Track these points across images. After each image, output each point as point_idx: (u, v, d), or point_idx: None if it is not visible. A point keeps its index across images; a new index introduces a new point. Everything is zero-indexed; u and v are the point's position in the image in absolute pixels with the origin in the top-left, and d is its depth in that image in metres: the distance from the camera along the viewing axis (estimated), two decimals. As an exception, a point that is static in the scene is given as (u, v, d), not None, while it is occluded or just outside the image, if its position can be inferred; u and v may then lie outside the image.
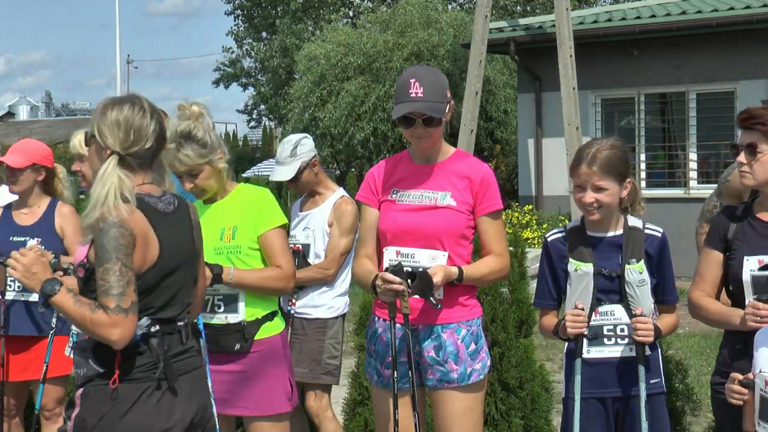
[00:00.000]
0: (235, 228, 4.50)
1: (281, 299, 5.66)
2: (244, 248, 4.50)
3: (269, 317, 4.55)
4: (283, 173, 5.86)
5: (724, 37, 16.01)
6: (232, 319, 4.48)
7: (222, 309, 4.49)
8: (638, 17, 16.89)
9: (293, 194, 5.83)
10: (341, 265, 5.79)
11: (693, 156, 16.97)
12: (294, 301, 5.80)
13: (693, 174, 16.94)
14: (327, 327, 5.82)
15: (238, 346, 4.45)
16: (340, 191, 5.94)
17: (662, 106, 17.69)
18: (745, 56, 15.86)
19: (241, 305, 4.49)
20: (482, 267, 4.30)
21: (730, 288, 4.05)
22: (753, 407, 3.56)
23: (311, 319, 5.81)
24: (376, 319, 4.44)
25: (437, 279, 4.06)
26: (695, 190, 16.36)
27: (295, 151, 5.84)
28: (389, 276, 4.08)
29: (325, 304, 5.81)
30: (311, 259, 5.81)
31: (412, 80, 4.24)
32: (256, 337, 4.48)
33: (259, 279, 4.46)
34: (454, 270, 4.16)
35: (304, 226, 5.88)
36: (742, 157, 3.91)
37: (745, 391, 3.56)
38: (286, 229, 4.60)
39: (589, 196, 4.13)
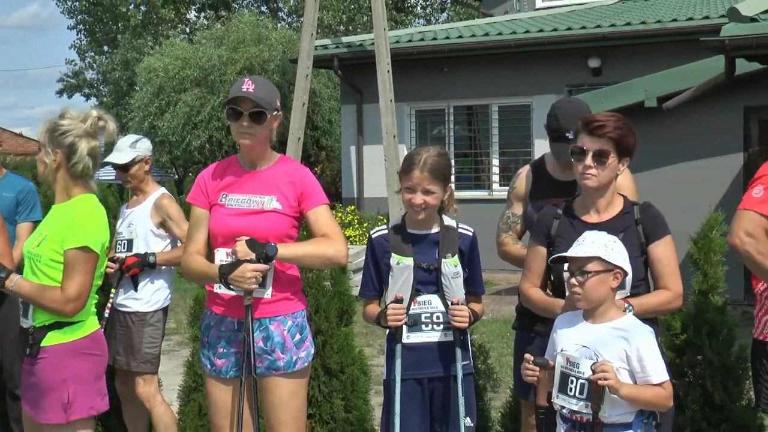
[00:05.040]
0: (45, 237, 4.14)
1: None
2: (44, 258, 4.10)
3: (56, 326, 4.12)
4: (118, 157, 5.84)
5: (522, 57, 16.46)
6: (24, 323, 4.18)
7: (22, 312, 4.21)
8: (447, 38, 17.18)
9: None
10: None
11: (495, 162, 17.38)
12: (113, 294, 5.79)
13: (495, 178, 17.35)
14: (147, 319, 5.75)
15: (28, 351, 4.14)
16: (161, 190, 5.90)
17: (469, 117, 18.01)
18: (539, 74, 16.36)
19: (31, 311, 4.15)
20: (303, 245, 4.22)
21: (552, 278, 4.08)
22: (545, 384, 3.66)
23: (131, 312, 5.75)
24: (209, 312, 4.37)
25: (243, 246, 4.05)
26: (497, 191, 16.76)
27: (135, 144, 5.89)
28: (258, 266, 4.07)
29: (144, 297, 5.76)
30: (135, 251, 5.79)
31: (246, 79, 4.25)
32: (43, 344, 4.10)
33: (35, 295, 4.05)
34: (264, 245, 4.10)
35: (128, 223, 5.88)
36: (589, 161, 3.89)
37: (537, 369, 3.65)
38: (88, 252, 4.07)
39: (419, 198, 4.16)
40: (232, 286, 4.13)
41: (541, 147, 15.21)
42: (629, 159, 3.99)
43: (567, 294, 3.89)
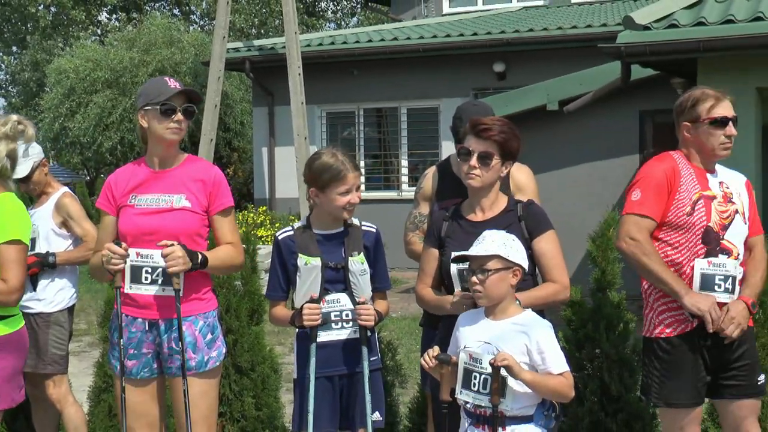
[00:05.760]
0: None
1: None
2: None
3: None
4: (17, 171, 5.63)
5: (430, 61, 16.59)
6: None
7: None
8: (357, 42, 17.21)
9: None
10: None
11: (404, 163, 17.48)
12: None
13: (404, 178, 17.45)
14: (51, 320, 5.61)
15: None
16: (63, 189, 5.78)
17: (378, 119, 18.07)
18: (447, 77, 16.51)
19: None
20: (219, 252, 4.24)
21: (445, 281, 4.15)
22: (449, 380, 3.70)
23: (35, 314, 5.60)
24: (119, 313, 4.29)
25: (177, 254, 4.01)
26: (406, 192, 16.86)
27: (27, 152, 5.69)
28: (113, 246, 4.06)
29: (47, 298, 5.61)
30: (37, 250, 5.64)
31: (166, 78, 4.24)
32: None
33: None
34: (196, 254, 4.09)
35: (32, 223, 5.69)
36: (474, 162, 3.98)
37: (434, 361, 3.69)
38: (19, 244, 4.16)
39: (356, 197, 4.17)
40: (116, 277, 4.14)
41: (449, 148, 15.35)
42: (512, 162, 4.12)
43: (455, 291, 3.99)
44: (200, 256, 4.09)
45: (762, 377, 4.27)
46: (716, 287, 4.11)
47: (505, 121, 4.09)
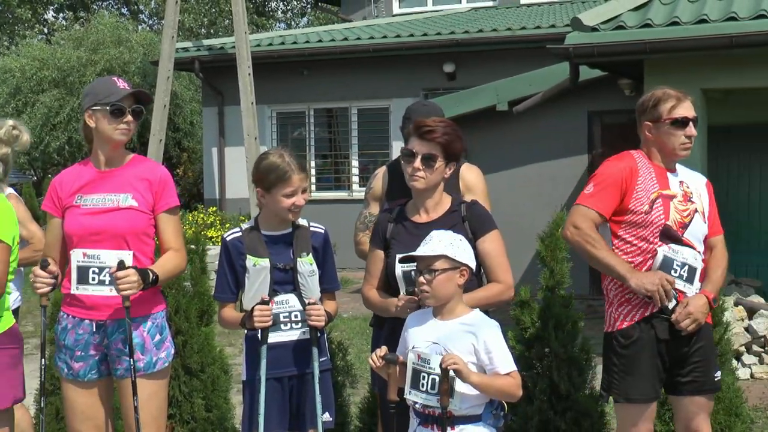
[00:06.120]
0: None
1: None
2: None
3: None
4: None
5: (380, 61, 16.59)
6: None
7: None
8: (308, 42, 17.16)
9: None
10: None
11: (355, 163, 17.47)
12: None
13: (355, 179, 17.43)
14: None
15: None
16: (8, 191, 5.66)
17: (329, 119, 18.04)
18: (397, 78, 16.53)
19: None
20: (167, 264, 4.23)
21: (392, 282, 4.15)
22: (396, 380, 3.70)
23: None
24: (65, 315, 4.28)
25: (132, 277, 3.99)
26: (357, 192, 16.84)
27: None
28: (37, 270, 4.09)
29: None
30: None
31: (114, 77, 4.21)
32: None
33: None
34: (148, 272, 4.08)
35: None
36: (418, 164, 4.00)
37: (381, 361, 3.69)
38: (3, 243, 4.03)
39: (302, 199, 4.15)
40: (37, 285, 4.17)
41: (399, 148, 15.36)
42: (456, 163, 4.15)
43: (400, 295, 4.00)
44: (151, 275, 4.07)
45: (719, 373, 4.34)
46: (673, 271, 4.14)
47: (449, 123, 4.11)
